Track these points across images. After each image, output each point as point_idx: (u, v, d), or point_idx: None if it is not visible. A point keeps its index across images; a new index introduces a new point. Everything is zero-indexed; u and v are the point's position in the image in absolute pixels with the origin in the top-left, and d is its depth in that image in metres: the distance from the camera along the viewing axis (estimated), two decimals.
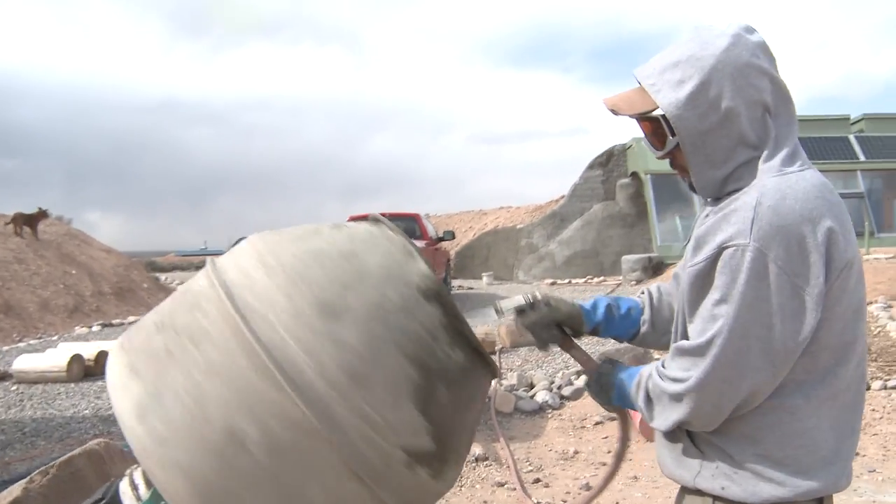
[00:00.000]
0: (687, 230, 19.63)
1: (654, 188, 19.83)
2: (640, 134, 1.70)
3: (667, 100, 1.50)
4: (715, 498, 1.52)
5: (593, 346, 8.22)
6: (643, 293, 1.92)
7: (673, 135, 1.53)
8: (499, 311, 1.86)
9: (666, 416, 1.52)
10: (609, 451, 5.55)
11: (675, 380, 1.48)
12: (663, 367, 1.54)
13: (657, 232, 19.46)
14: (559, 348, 1.83)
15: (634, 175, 21.16)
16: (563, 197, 23.52)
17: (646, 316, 1.86)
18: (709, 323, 1.44)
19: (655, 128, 1.58)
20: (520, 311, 1.82)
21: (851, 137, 20.21)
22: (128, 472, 1.63)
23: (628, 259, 18.43)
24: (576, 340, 1.84)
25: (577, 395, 6.78)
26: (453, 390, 1.56)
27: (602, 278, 19.57)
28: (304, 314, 1.44)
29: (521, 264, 22.15)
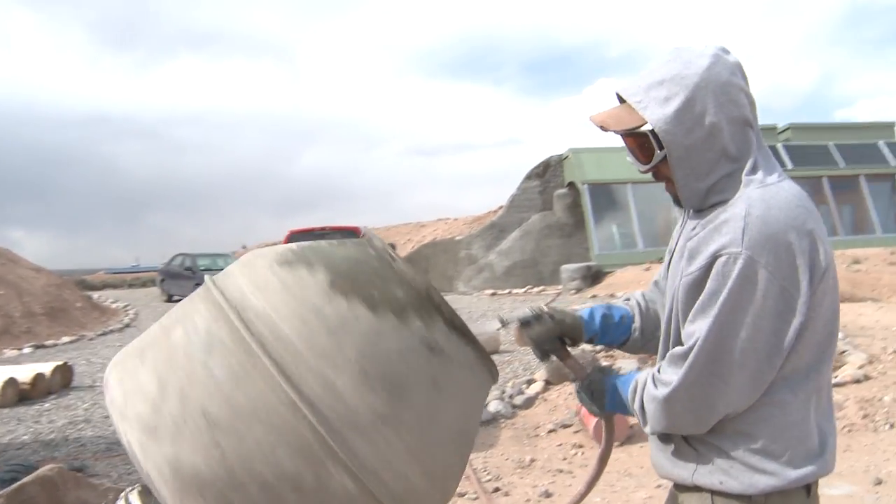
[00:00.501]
0: (623, 238, 20.03)
1: (590, 198, 20.15)
2: (578, 145, 1.76)
3: (655, 116, 1.57)
4: (713, 493, 1.58)
5: None
6: (629, 300, 1.98)
7: (660, 149, 1.60)
8: (503, 322, 1.88)
9: (657, 420, 1.59)
10: (565, 459, 5.62)
11: (665, 384, 1.56)
12: (659, 372, 1.60)
13: (595, 241, 19.77)
14: (557, 358, 1.88)
15: (571, 185, 21.44)
16: (501, 208, 23.69)
17: (637, 324, 1.92)
18: (704, 327, 1.50)
19: (642, 143, 1.65)
20: (524, 322, 1.86)
21: (779, 146, 20.90)
22: (122, 494, 1.58)
23: (567, 268, 18.67)
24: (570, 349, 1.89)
25: (528, 403, 6.84)
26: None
27: (542, 288, 19.76)
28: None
29: (461, 275, 22.22)
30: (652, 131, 1.59)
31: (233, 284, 1.46)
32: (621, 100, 1.68)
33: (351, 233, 15.78)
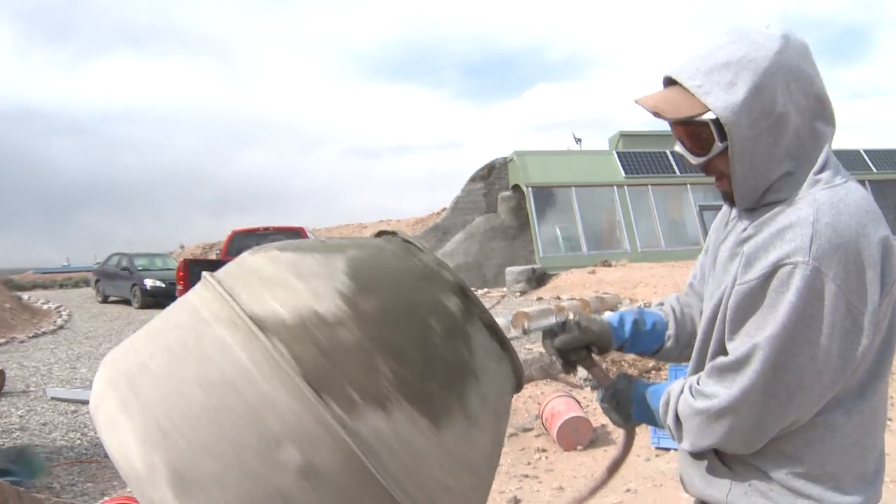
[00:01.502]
0: (567, 241, 20.16)
1: (535, 200, 20.24)
2: (523, 149, 1.61)
3: (720, 102, 1.40)
4: None
5: None
6: (663, 304, 1.85)
7: (721, 140, 1.43)
8: (526, 331, 1.76)
9: (698, 437, 1.46)
10: (529, 463, 5.54)
11: (708, 397, 1.42)
12: (698, 384, 1.47)
13: (539, 243, 19.85)
14: (582, 367, 1.74)
15: (516, 188, 21.53)
16: (444, 210, 23.66)
17: (671, 331, 1.78)
18: (759, 339, 1.36)
19: (698, 132, 1.47)
20: (549, 332, 1.73)
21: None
22: None
23: (512, 270, 18.70)
24: (596, 357, 1.75)
25: None
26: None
27: (486, 290, 19.76)
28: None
29: None
30: (715, 120, 1.42)
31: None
32: (670, 82, 1.51)
33: (295, 233, 15.49)
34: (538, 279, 18.39)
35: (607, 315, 1.81)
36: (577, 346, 1.69)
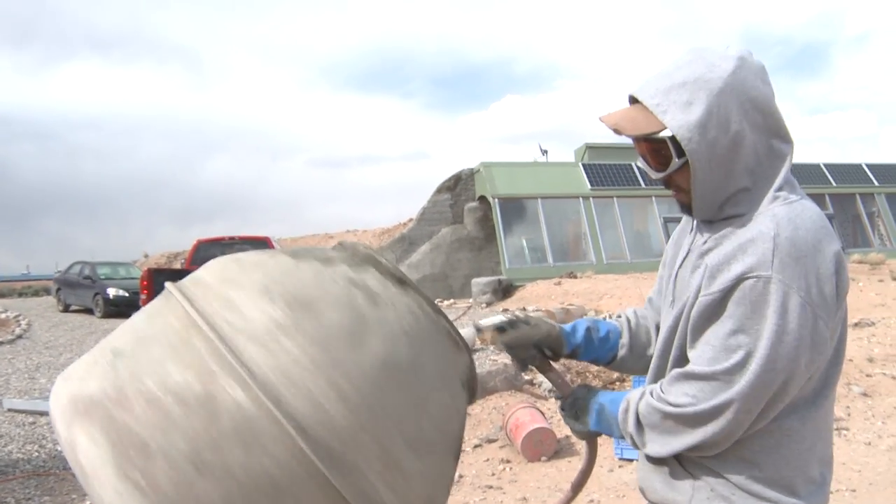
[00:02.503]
0: (534, 252, 20.24)
1: (501, 212, 20.30)
2: (490, 160, 1.67)
3: (676, 121, 1.46)
4: None
5: None
6: (619, 317, 1.89)
7: (678, 156, 1.49)
8: (478, 329, 1.79)
9: (664, 443, 1.49)
10: (493, 474, 5.54)
11: (678, 406, 1.45)
12: (661, 391, 1.50)
13: (505, 255, 19.90)
14: (535, 369, 1.78)
15: (482, 199, 21.58)
16: (411, 220, 23.65)
17: (624, 340, 1.83)
18: (725, 352, 1.40)
19: (655, 148, 1.53)
20: (500, 328, 1.76)
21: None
22: None
23: (478, 282, 18.72)
24: (553, 364, 1.78)
25: None
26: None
27: (452, 301, 19.76)
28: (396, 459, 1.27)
29: None
30: (671, 137, 1.48)
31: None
32: (633, 100, 1.56)
33: (261, 242, 15.39)
34: (504, 290, 18.42)
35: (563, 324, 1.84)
36: (525, 343, 1.74)
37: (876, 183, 23.10)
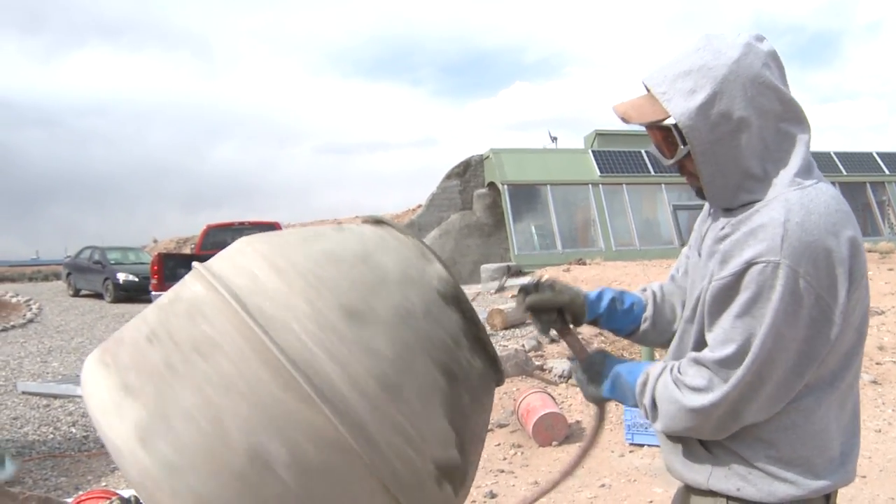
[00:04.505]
0: (542, 238, 20.22)
1: (510, 198, 20.26)
2: (499, 146, 1.69)
3: (679, 109, 1.49)
4: (729, 498, 1.54)
5: None
6: (645, 290, 1.91)
7: (684, 143, 1.52)
8: (501, 288, 1.81)
9: (675, 422, 1.53)
10: (504, 458, 5.58)
11: (694, 389, 1.48)
12: (679, 372, 1.53)
13: (514, 241, 19.88)
14: (556, 333, 1.81)
15: (491, 185, 21.55)
16: (420, 206, 23.64)
17: (648, 314, 1.85)
18: (732, 335, 1.44)
19: (666, 136, 1.57)
20: (524, 289, 1.80)
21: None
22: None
23: (487, 268, 18.71)
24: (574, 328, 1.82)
25: None
26: (475, 399, 1.49)
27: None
28: (329, 320, 1.32)
29: None
30: (676, 125, 1.51)
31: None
32: (646, 87, 1.59)
33: (270, 227, 15.44)
34: (513, 276, 18.43)
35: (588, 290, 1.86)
36: (548, 307, 1.77)
37: (887, 171, 22.95)
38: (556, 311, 1.78)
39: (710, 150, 1.50)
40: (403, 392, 1.33)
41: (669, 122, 1.53)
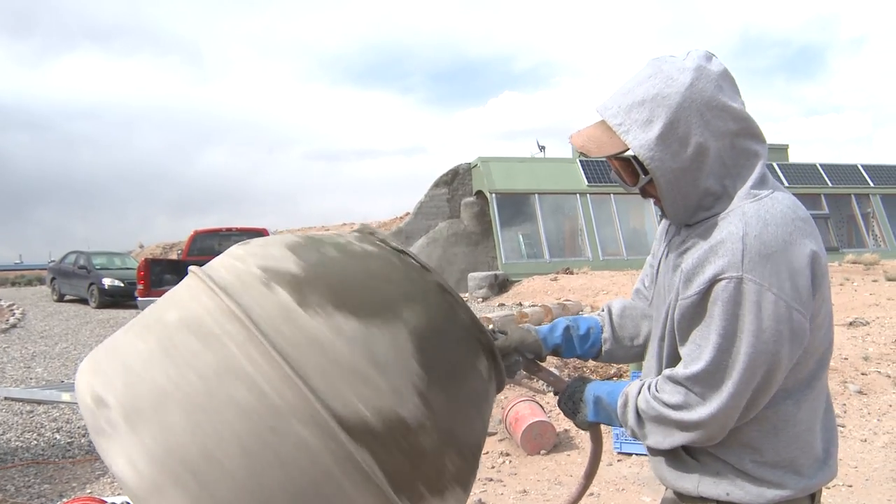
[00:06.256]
0: (530, 247, 20.26)
1: (498, 207, 20.31)
2: (486, 154, 1.71)
3: (637, 141, 1.51)
4: (719, 503, 1.57)
5: None
6: (602, 311, 1.94)
7: (645, 173, 1.55)
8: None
9: (664, 438, 1.56)
10: (493, 467, 5.56)
11: (672, 406, 1.52)
12: (656, 389, 1.57)
13: (501, 249, 19.92)
14: (526, 373, 1.86)
15: (479, 194, 21.59)
16: (408, 214, 23.64)
17: (606, 334, 1.88)
18: (703, 352, 1.47)
19: (627, 165, 1.60)
20: None
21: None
22: None
23: (474, 276, 18.73)
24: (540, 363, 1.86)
25: None
26: (476, 403, 1.49)
27: None
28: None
29: None
30: (636, 156, 1.54)
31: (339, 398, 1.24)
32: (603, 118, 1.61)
33: (258, 234, 15.38)
34: (500, 285, 18.45)
35: (541, 325, 1.90)
36: (505, 353, 1.77)
37: (871, 184, 23.17)
38: (514, 354, 1.80)
39: (671, 177, 1.52)
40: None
41: (629, 153, 1.55)
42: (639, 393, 1.59)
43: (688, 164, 1.50)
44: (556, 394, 1.80)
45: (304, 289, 1.31)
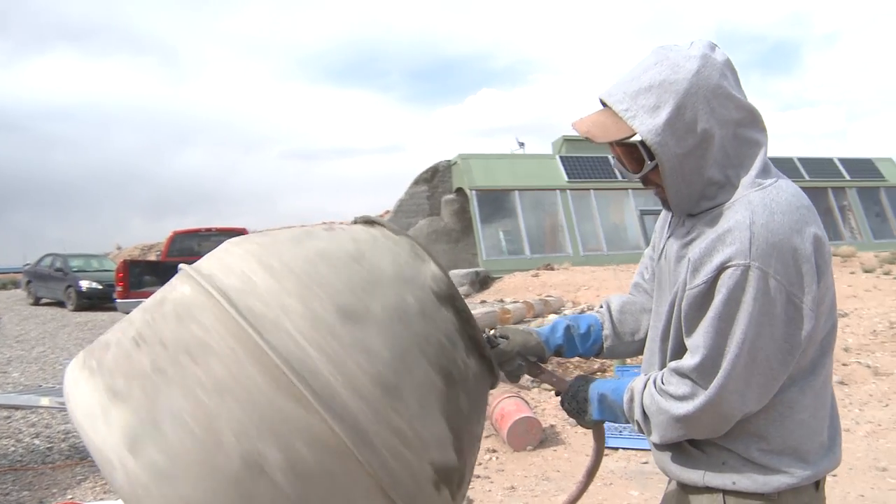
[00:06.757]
0: (511, 244, 20.26)
1: (478, 204, 20.28)
2: (465, 151, 1.69)
3: (645, 126, 1.50)
4: (726, 493, 1.56)
5: None
6: (601, 307, 1.93)
7: (651, 158, 1.54)
8: None
9: (669, 432, 1.55)
10: (480, 464, 5.54)
11: (679, 398, 1.51)
12: (662, 382, 1.56)
13: (482, 246, 19.90)
14: (529, 376, 1.84)
15: (459, 191, 21.56)
16: (387, 212, 23.56)
17: (607, 331, 1.88)
18: (711, 341, 1.46)
19: (628, 151, 1.59)
20: None
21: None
22: None
23: (455, 274, 18.70)
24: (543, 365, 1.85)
25: None
26: (471, 399, 1.46)
27: None
28: (324, 320, 1.28)
29: None
30: (642, 141, 1.53)
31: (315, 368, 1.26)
32: (604, 103, 1.60)
33: (238, 233, 15.26)
34: (481, 282, 18.43)
35: (541, 326, 1.90)
36: (507, 358, 1.78)
37: (847, 177, 23.40)
38: (517, 359, 1.79)
39: (677, 164, 1.52)
40: (401, 393, 1.30)
41: (635, 138, 1.54)
42: (644, 387, 1.58)
43: (693, 150, 1.50)
44: (557, 394, 1.79)
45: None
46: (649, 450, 1.69)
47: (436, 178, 22.54)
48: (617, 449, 5.65)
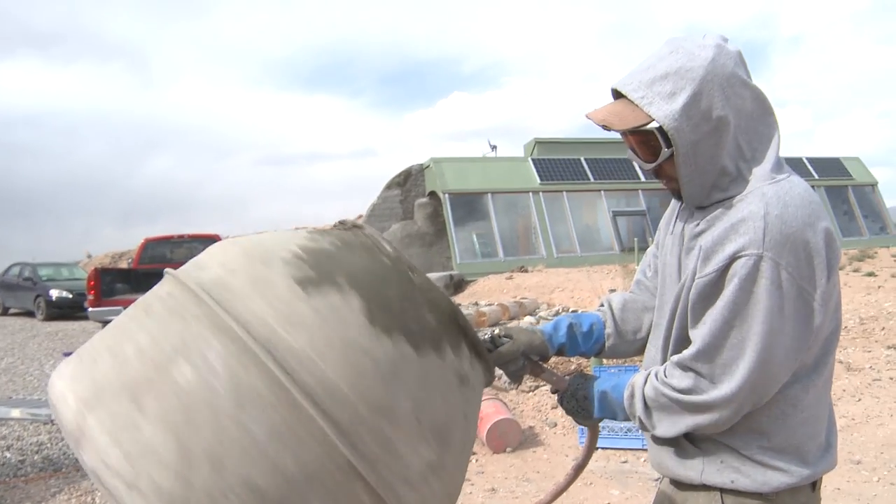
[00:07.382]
0: (484, 247, 20.30)
1: (451, 207, 20.31)
2: (437, 155, 1.68)
3: (661, 112, 1.50)
4: (723, 491, 1.56)
5: None
6: (602, 306, 1.92)
7: (667, 146, 1.53)
8: None
9: (674, 426, 1.54)
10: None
11: (682, 391, 1.50)
12: (665, 375, 1.55)
13: (456, 250, 19.92)
14: (531, 376, 1.83)
15: (432, 194, 21.56)
16: (361, 217, 23.51)
17: (609, 329, 1.87)
18: (722, 332, 1.45)
19: (646, 140, 1.58)
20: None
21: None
22: None
23: (430, 277, 18.66)
24: (543, 364, 1.84)
25: None
26: (467, 399, 1.45)
27: None
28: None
29: None
30: (659, 128, 1.52)
31: (249, 310, 1.21)
32: (617, 95, 1.60)
33: (211, 240, 15.12)
34: (456, 285, 18.44)
35: (543, 324, 1.88)
36: (511, 358, 1.76)
37: (816, 176, 23.72)
38: (521, 358, 1.78)
39: (691, 151, 1.51)
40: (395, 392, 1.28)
41: (652, 125, 1.54)
42: (646, 382, 1.57)
43: (707, 138, 1.50)
44: (555, 392, 1.78)
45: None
46: (628, 449, 1.69)
47: (409, 181, 22.54)
48: (597, 449, 5.67)
